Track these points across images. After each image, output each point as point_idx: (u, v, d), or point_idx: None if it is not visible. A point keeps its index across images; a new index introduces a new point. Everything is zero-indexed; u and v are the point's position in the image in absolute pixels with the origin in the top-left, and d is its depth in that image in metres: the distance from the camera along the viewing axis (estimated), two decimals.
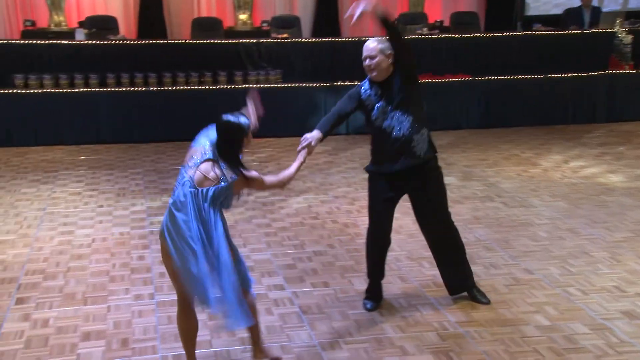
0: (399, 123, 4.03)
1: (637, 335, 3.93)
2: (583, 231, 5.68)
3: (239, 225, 5.95)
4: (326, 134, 4.14)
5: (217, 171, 3.28)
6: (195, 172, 3.29)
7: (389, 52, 4.03)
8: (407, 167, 4.08)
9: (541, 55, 10.54)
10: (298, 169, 3.81)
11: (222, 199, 3.32)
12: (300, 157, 3.94)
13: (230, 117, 3.39)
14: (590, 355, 3.73)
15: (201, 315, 3.61)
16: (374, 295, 4.40)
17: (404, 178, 4.12)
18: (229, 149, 3.34)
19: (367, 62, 4.07)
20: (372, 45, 4.06)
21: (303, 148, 4.04)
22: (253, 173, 3.40)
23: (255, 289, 4.57)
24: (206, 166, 3.29)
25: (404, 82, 4.03)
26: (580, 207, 6.34)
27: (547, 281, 4.68)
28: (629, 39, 10.16)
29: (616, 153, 8.39)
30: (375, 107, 4.06)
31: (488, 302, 4.35)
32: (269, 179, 3.53)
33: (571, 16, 11.39)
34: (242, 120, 3.39)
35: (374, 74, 4.05)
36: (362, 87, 4.16)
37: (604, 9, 11.64)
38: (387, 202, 4.20)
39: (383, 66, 4.03)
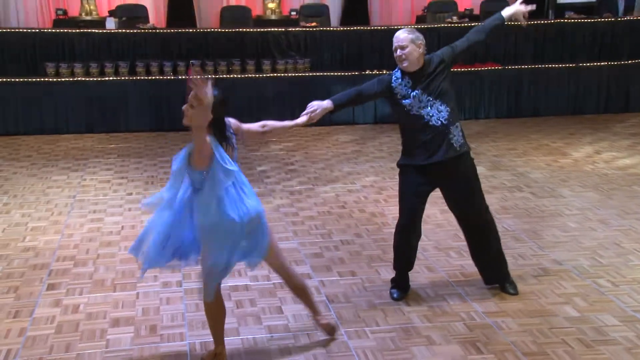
0: (438, 112, 4.00)
1: None
2: (614, 222, 5.59)
3: (267, 214, 5.95)
4: (339, 106, 4.13)
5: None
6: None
7: (420, 41, 4.01)
8: (445, 158, 4.02)
9: (573, 43, 10.37)
10: (287, 127, 3.88)
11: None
12: (298, 120, 3.94)
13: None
14: (620, 347, 3.68)
15: (228, 303, 3.63)
16: (401, 285, 4.39)
17: (438, 170, 4.06)
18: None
19: (399, 52, 4.04)
20: (403, 35, 4.03)
21: (307, 114, 3.98)
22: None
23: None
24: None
25: (446, 74, 4.05)
26: (611, 197, 6.24)
27: (577, 272, 4.62)
28: None
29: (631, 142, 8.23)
30: (411, 96, 4.01)
31: (516, 294, 4.31)
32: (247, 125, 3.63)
33: (605, 3, 11.17)
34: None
35: (405, 64, 4.03)
36: (394, 76, 4.13)
37: None
38: (419, 197, 4.16)
39: (414, 56, 4.00)
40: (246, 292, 4.43)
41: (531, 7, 4.25)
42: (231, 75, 9.52)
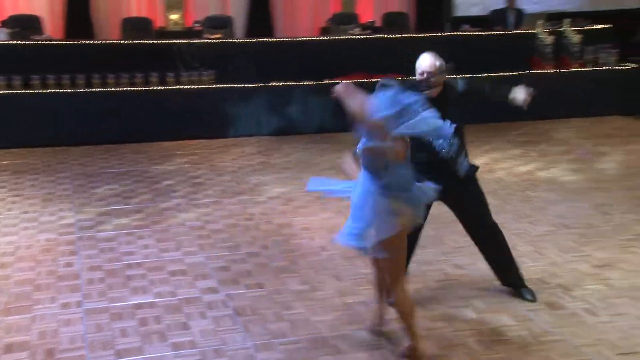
0: (450, 145, 4.08)
1: (558, 325, 4.06)
2: (510, 226, 5.83)
3: (172, 228, 5.87)
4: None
5: None
6: None
7: (444, 68, 4.11)
8: (447, 188, 4.05)
9: (469, 54, 10.77)
10: None
11: None
12: None
13: None
14: (515, 346, 3.84)
15: (131, 322, 3.49)
16: None
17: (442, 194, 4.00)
18: None
19: (426, 76, 4.08)
20: (431, 61, 4.09)
21: None
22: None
23: (188, 293, 4.55)
24: None
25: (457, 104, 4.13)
26: (507, 202, 6.51)
27: (477, 275, 4.78)
28: (549, 39, 10.50)
29: (539, 150, 8.65)
30: None
31: (534, 300, 4.34)
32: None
33: (497, 17, 11.71)
34: None
35: (429, 90, 4.08)
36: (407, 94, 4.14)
37: (527, 11, 12.00)
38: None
39: (439, 82, 4.09)
40: (151, 309, 4.33)
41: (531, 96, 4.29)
42: (134, 88, 9.31)
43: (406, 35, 10.86)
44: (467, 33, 11.02)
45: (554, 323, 4.09)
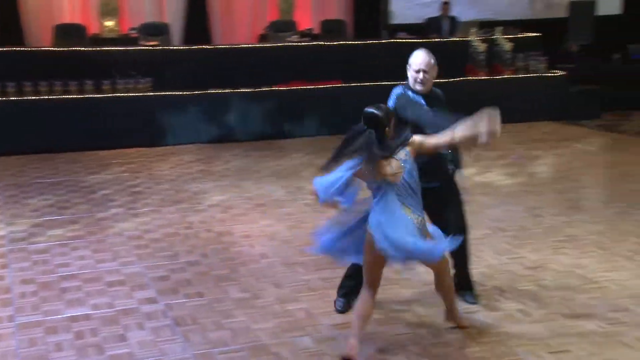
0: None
1: (494, 326, 4.16)
2: None
3: (109, 238, 5.75)
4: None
5: None
6: None
7: (436, 66, 4.14)
8: (440, 184, 4.10)
9: (406, 61, 10.94)
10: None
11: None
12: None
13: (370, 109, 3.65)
14: (452, 348, 3.92)
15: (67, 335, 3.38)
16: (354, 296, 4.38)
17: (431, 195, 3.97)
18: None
19: (422, 75, 4.11)
20: (428, 59, 4.12)
21: None
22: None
23: (126, 304, 4.47)
24: None
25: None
26: None
27: (416, 280, 4.85)
28: (482, 47, 10.79)
29: (474, 155, 8.83)
30: None
31: (475, 303, 4.40)
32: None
33: (432, 25, 11.96)
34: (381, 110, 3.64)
35: (423, 87, 4.12)
36: (407, 92, 4.16)
37: (461, 19, 12.30)
38: None
39: (433, 79, 4.13)
40: (87, 321, 4.23)
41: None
42: (68, 96, 9.11)
43: (344, 42, 10.98)
44: (404, 40, 11.21)
45: (490, 324, 4.19)
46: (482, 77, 10.69)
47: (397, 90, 4.28)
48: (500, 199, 6.85)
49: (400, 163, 3.60)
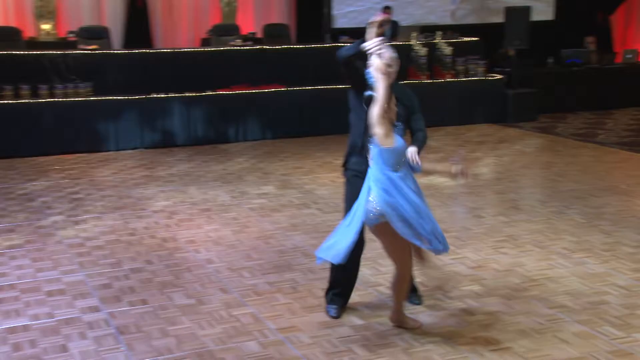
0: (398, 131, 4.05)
1: (438, 326, 4.24)
2: None
3: (49, 247, 5.62)
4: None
5: None
6: None
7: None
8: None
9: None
10: None
11: None
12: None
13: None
14: (398, 348, 3.97)
15: (4, 347, 3.31)
16: (343, 302, 4.42)
17: None
18: None
19: (394, 68, 4.04)
20: (395, 55, 4.05)
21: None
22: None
23: (67, 314, 4.38)
24: None
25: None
26: None
27: (360, 282, 4.90)
28: (423, 51, 10.98)
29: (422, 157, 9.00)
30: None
31: (420, 304, 4.47)
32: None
33: None
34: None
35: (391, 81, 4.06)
36: (368, 76, 4.09)
37: (402, 23, 12.48)
38: None
39: (395, 74, 4.06)
40: (25, 332, 4.13)
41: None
42: (4, 101, 8.86)
43: (287, 46, 11.00)
44: (347, 44, 11.30)
45: (434, 324, 4.27)
46: (424, 81, 10.87)
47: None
48: (443, 200, 6.98)
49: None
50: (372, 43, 3.97)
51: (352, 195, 4.21)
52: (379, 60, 3.87)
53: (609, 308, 4.46)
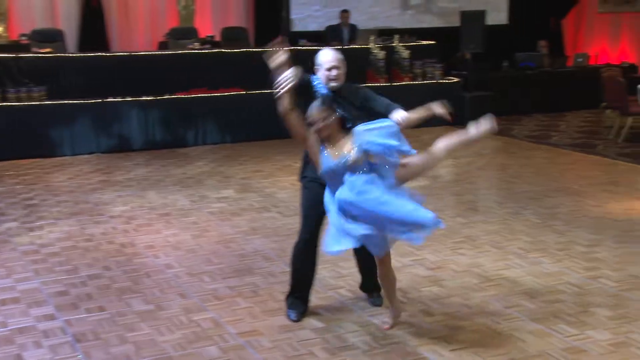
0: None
1: (397, 327, 4.26)
2: None
3: (2, 254, 5.50)
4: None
5: None
6: None
7: (344, 62, 4.12)
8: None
9: (309, 69, 11.07)
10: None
11: None
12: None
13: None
14: (359, 350, 4.00)
15: None
16: (303, 307, 4.39)
17: None
18: None
19: (334, 72, 4.08)
20: (337, 55, 4.09)
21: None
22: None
23: (21, 322, 4.30)
24: None
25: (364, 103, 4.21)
26: None
27: (320, 285, 4.92)
28: (382, 54, 11.08)
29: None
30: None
31: (381, 305, 4.51)
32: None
33: (332, 32, 12.15)
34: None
35: (335, 83, 4.12)
36: (314, 80, 4.12)
37: (360, 27, 12.57)
38: (322, 207, 4.08)
39: (343, 76, 4.10)
40: None
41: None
42: None
43: (245, 49, 10.98)
44: (305, 48, 11.32)
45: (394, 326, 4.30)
46: (382, 84, 10.96)
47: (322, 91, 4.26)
48: None
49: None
50: (282, 84, 3.92)
51: (309, 198, 4.23)
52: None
53: (564, 306, 4.56)
